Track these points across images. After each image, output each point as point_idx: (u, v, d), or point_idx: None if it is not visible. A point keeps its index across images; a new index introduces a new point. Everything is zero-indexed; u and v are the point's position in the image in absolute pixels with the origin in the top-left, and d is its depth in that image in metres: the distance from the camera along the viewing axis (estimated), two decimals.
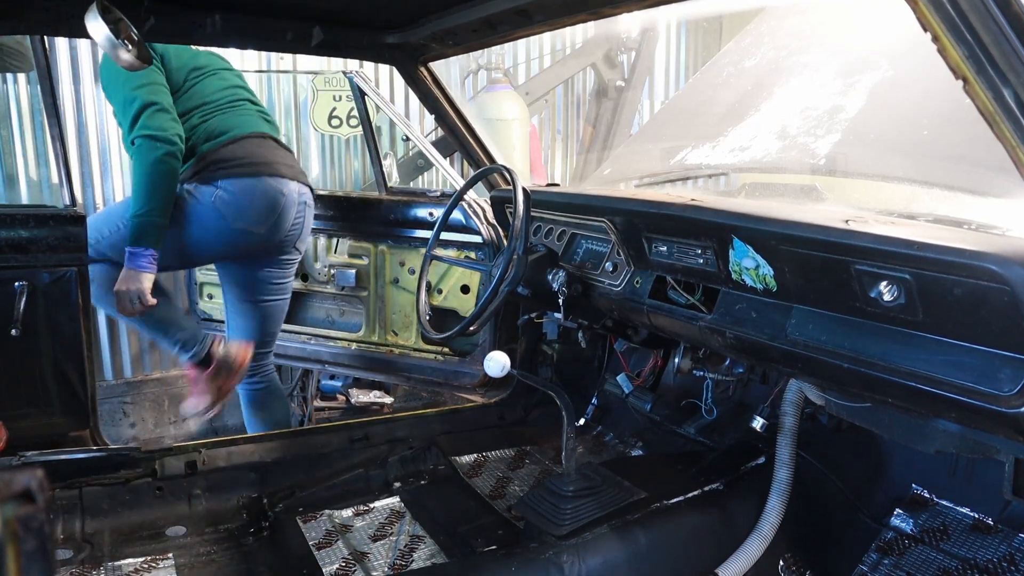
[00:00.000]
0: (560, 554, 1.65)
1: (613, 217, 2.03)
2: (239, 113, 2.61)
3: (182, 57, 2.52)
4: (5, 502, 0.46)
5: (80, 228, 2.24)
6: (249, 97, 2.70)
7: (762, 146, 2.35)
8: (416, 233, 2.87)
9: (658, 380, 2.65)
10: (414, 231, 2.88)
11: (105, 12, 1.53)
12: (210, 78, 2.59)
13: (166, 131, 2.36)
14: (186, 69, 2.52)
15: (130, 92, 2.37)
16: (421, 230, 2.85)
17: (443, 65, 2.63)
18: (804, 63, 2.56)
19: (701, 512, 1.86)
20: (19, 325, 2.16)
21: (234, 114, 2.59)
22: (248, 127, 2.59)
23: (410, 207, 2.89)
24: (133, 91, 2.36)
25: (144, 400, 4.12)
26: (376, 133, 3.45)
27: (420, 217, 2.87)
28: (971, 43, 0.99)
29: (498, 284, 1.93)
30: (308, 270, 3.09)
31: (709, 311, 1.76)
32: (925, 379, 1.27)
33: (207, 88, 2.57)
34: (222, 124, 2.54)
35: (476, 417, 2.77)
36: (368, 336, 3.03)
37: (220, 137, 2.52)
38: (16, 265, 2.16)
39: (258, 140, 2.59)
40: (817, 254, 1.40)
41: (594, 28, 4.87)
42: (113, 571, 1.89)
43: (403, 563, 1.93)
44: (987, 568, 1.69)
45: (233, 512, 2.19)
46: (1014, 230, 1.40)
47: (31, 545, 0.46)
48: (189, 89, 2.51)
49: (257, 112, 2.68)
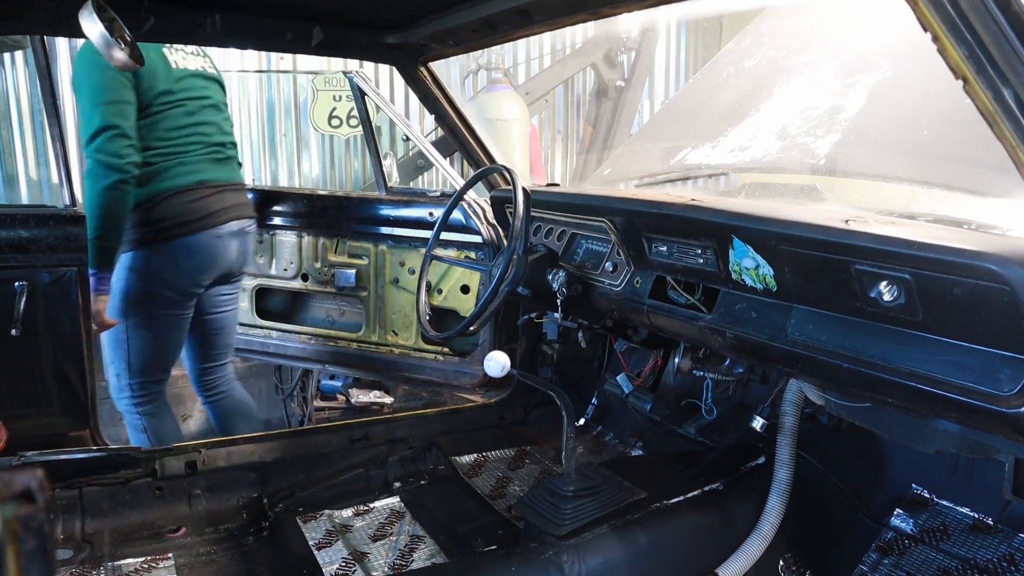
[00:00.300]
0: (560, 554, 1.65)
1: (613, 217, 2.03)
2: (188, 160, 2.54)
3: (156, 76, 2.45)
4: (5, 502, 0.46)
5: (80, 228, 2.24)
6: (205, 137, 2.60)
7: (762, 146, 2.35)
8: (416, 233, 2.87)
9: (658, 380, 2.65)
10: (414, 231, 2.88)
11: (100, 11, 1.54)
12: (173, 111, 2.50)
13: (122, 159, 2.32)
14: (152, 92, 2.45)
15: (95, 106, 2.33)
16: (421, 230, 2.85)
17: (443, 65, 2.63)
18: (804, 63, 2.57)
19: (701, 512, 1.86)
20: (19, 325, 2.16)
21: (181, 161, 2.52)
22: (194, 177, 2.54)
23: (410, 207, 2.89)
24: (98, 106, 2.32)
25: None
26: (376, 133, 3.45)
27: (420, 217, 2.87)
28: (971, 43, 0.99)
29: (498, 284, 1.93)
30: (308, 270, 3.10)
31: (709, 311, 1.76)
32: (925, 379, 1.27)
33: (165, 124, 2.50)
34: (168, 175, 2.49)
35: (476, 417, 2.77)
36: (368, 336, 3.03)
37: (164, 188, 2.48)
38: (16, 265, 2.16)
39: (199, 192, 2.55)
40: (817, 254, 1.40)
41: (594, 28, 4.88)
42: (113, 571, 1.89)
43: (403, 563, 1.93)
44: (987, 568, 1.69)
45: (233, 512, 2.19)
46: (1014, 230, 1.40)
47: (31, 545, 0.47)
48: (150, 117, 2.46)
49: (209, 155, 2.60)
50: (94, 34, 1.54)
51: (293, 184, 4.35)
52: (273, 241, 3.05)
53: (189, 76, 2.57)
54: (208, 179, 2.57)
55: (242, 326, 3.11)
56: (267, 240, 3.06)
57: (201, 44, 2.53)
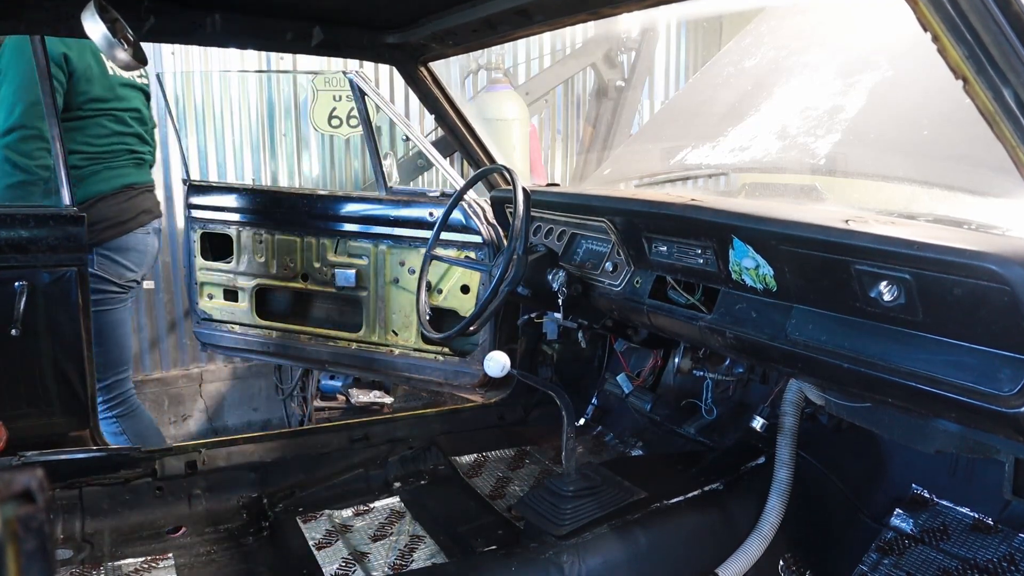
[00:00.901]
0: (560, 554, 1.65)
1: (613, 217, 2.03)
2: (114, 164, 2.70)
3: (92, 80, 2.53)
4: (5, 502, 0.46)
5: (80, 228, 2.24)
6: (129, 145, 2.76)
7: (762, 146, 2.35)
8: (416, 233, 2.87)
9: (658, 380, 2.65)
10: (414, 231, 2.87)
11: (102, 12, 1.54)
12: (102, 118, 2.62)
13: (32, 160, 2.40)
14: (86, 96, 2.53)
15: (16, 101, 2.39)
16: (421, 230, 2.85)
17: (443, 65, 2.63)
18: (804, 63, 2.56)
19: (701, 512, 1.86)
20: (19, 325, 2.16)
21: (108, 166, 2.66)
22: (121, 180, 2.71)
23: (410, 207, 2.89)
24: (20, 102, 2.38)
25: (144, 400, 4.11)
26: (376, 133, 3.45)
27: (420, 217, 2.86)
28: (971, 43, 0.99)
29: (498, 284, 1.93)
30: (308, 270, 3.10)
31: (709, 311, 1.76)
32: (925, 379, 1.27)
33: (94, 130, 2.61)
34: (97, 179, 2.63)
35: (476, 417, 2.77)
36: (368, 336, 3.02)
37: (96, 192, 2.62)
38: (16, 265, 2.16)
39: (127, 194, 2.74)
40: (817, 254, 1.40)
41: (594, 28, 4.87)
42: (113, 571, 1.89)
43: (403, 563, 1.93)
44: (987, 568, 1.69)
45: (233, 512, 2.19)
46: (1014, 230, 1.40)
47: (31, 545, 0.46)
48: (79, 120, 2.53)
49: (131, 160, 2.78)
50: (96, 35, 1.55)
51: (293, 184, 4.35)
52: (273, 241, 3.05)
53: (122, 86, 2.72)
54: (132, 182, 2.78)
55: (242, 326, 3.11)
56: (267, 240, 3.06)
57: (201, 44, 2.54)
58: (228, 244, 3.05)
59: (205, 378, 4.32)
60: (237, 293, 3.09)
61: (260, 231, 3.02)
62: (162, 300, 4.16)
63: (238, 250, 3.05)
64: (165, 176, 4.05)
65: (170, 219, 4.08)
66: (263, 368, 4.39)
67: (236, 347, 3.17)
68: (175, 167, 4.03)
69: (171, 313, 4.20)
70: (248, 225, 3.03)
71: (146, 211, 2.83)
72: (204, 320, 3.26)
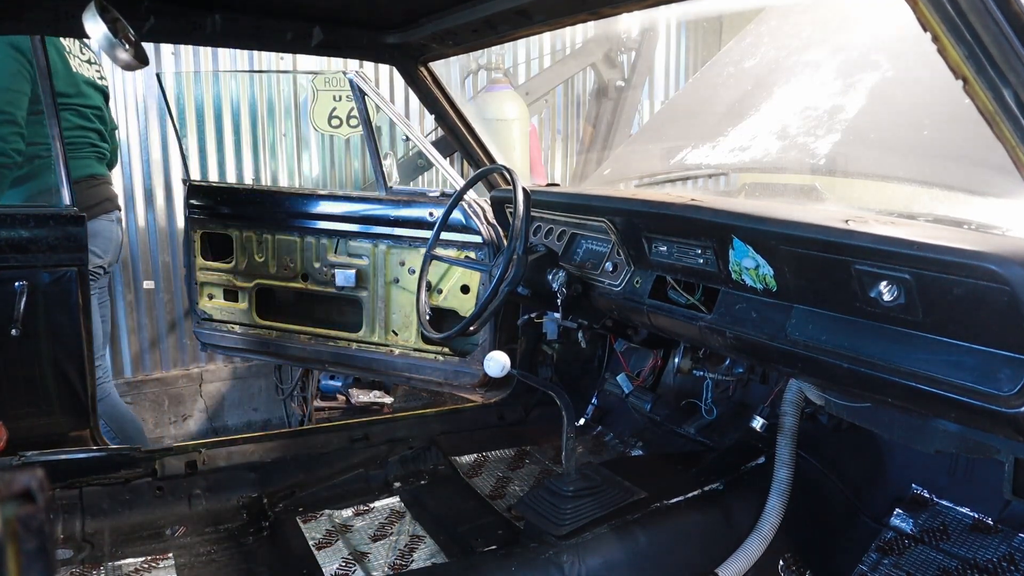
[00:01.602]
0: (560, 554, 1.65)
1: (613, 217, 2.03)
2: (78, 155, 2.79)
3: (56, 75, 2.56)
4: (5, 502, 0.46)
5: (80, 228, 2.24)
6: (90, 140, 2.87)
7: (762, 146, 2.34)
8: (416, 233, 2.87)
9: (658, 380, 2.65)
10: (414, 231, 2.87)
11: (103, 12, 1.54)
12: (65, 113, 2.67)
13: (7, 143, 2.47)
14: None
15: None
16: (421, 230, 2.85)
17: (443, 65, 2.63)
18: (804, 63, 2.56)
19: (701, 512, 1.86)
20: (19, 325, 2.16)
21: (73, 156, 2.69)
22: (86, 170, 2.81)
23: (410, 207, 2.89)
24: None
25: (144, 400, 4.12)
26: (376, 133, 3.44)
27: (420, 217, 2.86)
28: (971, 43, 0.99)
29: (498, 284, 1.93)
30: (308, 270, 3.10)
31: (709, 311, 1.76)
32: (925, 379, 1.27)
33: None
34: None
35: (476, 417, 2.77)
36: (368, 336, 3.02)
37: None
38: (16, 265, 2.16)
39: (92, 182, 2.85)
40: (817, 254, 1.40)
41: (594, 28, 4.87)
42: (113, 571, 1.89)
43: (403, 563, 1.93)
44: (987, 568, 1.69)
45: (233, 512, 2.19)
46: (1014, 230, 1.40)
47: (31, 545, 0.46)
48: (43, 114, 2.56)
49: (92, 153, 2.89)
50: (98, 35, 1.55)
51: (293, 184, 4.35)
52: (273, 241, 3.05)
53: (84, 83, 2.81)
54: (95, 173, 2.90)
55: (242, 326, 3.11)
56: (267, 240, 3.06)
57: (201, 44, 2.55)
58: (228, 244, 3.05)
59: (205, 378, 4.32)
60: (237, 293, 3.09)
61: (260, 231, 3.02)
62: (162, 300, 4.16)
63: (238, 250, 3.05)
64: (165, 176, 4.05)
65: (170, 219, 4.09)
66: (263, 368, 4.39)
67: (236, 347, 3.17)
68: (175, 167, 4.04)
69: (171, 313, 4.20)
70: (248, 225, 3.03)
71: (108, 199, 2.93)
72: (204, 320, 3.26)
